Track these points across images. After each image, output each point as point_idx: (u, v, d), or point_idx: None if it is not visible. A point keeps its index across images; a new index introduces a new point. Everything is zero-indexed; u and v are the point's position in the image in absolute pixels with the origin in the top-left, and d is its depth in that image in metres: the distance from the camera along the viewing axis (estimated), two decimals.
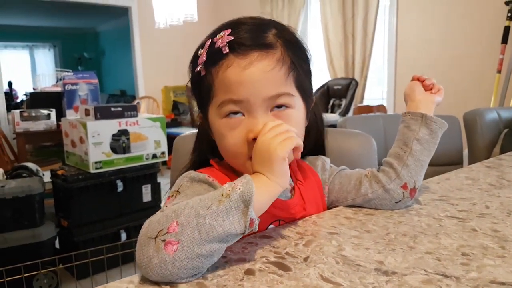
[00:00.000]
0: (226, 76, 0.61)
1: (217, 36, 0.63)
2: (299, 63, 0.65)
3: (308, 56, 0.69)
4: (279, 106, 0.63)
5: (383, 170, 0.74)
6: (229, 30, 0.62)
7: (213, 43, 0.63)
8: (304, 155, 0.80)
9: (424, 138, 0.74)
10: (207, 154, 0.75)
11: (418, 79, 0.82)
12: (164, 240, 0.47)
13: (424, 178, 0.78)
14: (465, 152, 1.85)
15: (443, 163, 1.70)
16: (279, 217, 0.67)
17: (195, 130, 0.83)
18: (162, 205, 0.64)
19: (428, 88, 0.80)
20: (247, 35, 0.62)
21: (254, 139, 0.60)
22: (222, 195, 0.50)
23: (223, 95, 0.62)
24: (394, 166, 0.73)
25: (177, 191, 0.63)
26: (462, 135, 1.82)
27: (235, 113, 0.63)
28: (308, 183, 0.75)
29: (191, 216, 0.48)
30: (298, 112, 0.66)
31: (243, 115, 0.63)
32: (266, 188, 0.56)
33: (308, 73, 0.69)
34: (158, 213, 0.52)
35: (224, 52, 0.61)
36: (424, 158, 0.74)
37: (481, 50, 3.57)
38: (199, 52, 0.65)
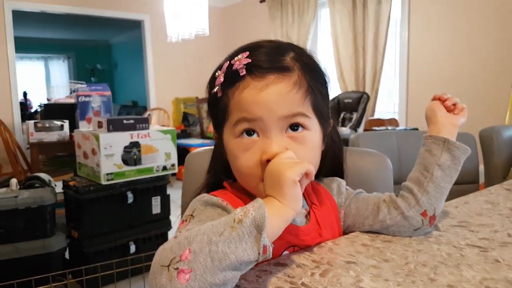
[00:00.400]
0: (242, 97, 0.61)
1: (235, 59, 0.63)
2: (316, 87, 0.65)
3: (326, 80, 0.69)
4: (294, 127, 0.63)
5: (402, 195, 0.72)
6: (247, 53, 0.62)
7: (230, 65, 0.63)
8: (319, 176, 0.78)
9: (446, 164, 0.72)
10: (221, 175, 0.74)
11: (439, 99, 0.79)
12: (176, 269, 0.45)
13: None
14: (481, 167, 1.82)
15: (459, 181, 1.67)
16: (294, 243, 0.66)
17: (206, 146, 0.83)
18: (172, 218, 0.63)
19: (450, 109, 0.77)
20: (265, 58, 0.62)
21: (268, 161, 0.60)
22: (234, 220, 0.48)
23: (238, 113, 0.62)
24: (414, 192, 0.71)
25: (191, 215, 0.62)
26: (478, 152, 1.79)
27: (249, 133, 0.62)
28: (324, 207, 0.73)
29: (203, 243, 0.47)
30: (314, 134, 0.65)
31: (258, 135, 0.62)
32: (278, 212, 0.54)
33: (325, 97, 0.68)
34: (171, 239, 0.51)
35: (241, 74, 0.61)
36: (445, 184, 0.72)
37: (495, 64, 3.54)
38: (216, 74, 0.65)
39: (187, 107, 6.14)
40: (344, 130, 3.92)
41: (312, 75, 0.65)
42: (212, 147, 0.80)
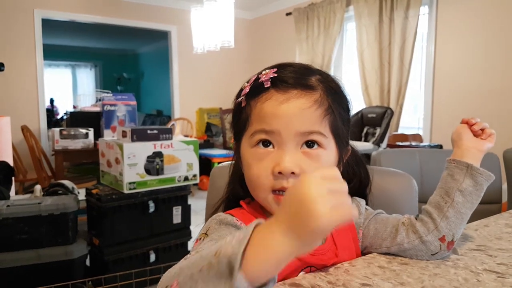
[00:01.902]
0: (263, 108, 0.63)
1: (263, 72, 0.65)
2: (337, 109, 0.66)
3: (349, 106, 0.69)
4: (310, 144, 0.63)
5: (422, 219, 0.71)
6: (275, 69, 0.65)
7: (257, 78, 0.65)
8: None
9: (468, 189, 0.70)
10: (238, 188, 0.75)
11: (467, 123, 0.76)
12: None
13: None
14: (504, 186, 1.78)
15: (481, 201, 1.64)
16: (310, 263, 0.66)
17: (227, 158, 0.83)
18: (192, 228, 0.64)
19: (477, 134, 0.75)
20: (291, 75, 0.64)
21: (280, 173, 0.61)
22: (216, 253, 0.41)
23: (257, 125, 0.64)
24: (433, 216, 0.70)
25: (205, 233, 0.63)
26: (501, 173, 1.75)
27: (265, 144, 0.63)
28: (341, 228, 0.72)
29: (187, 278, 0.43)
30: (329, 154, 0.65)
31: (273, 147, 0.63)
32: (277, 248, 0.41)
33: (346, 121, 0.69)
34: (182, 260, 0.50)
35: (266, 86, 0.63)
36: (466, 210, 0.70)
37: None
38: (243, 86, 0.67)
39: (211, 118, 6.19)
40: (367, 145, 3.88)
41: (335, 98, 0.66)
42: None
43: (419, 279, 0.62)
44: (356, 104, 4.66)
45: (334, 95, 0.66)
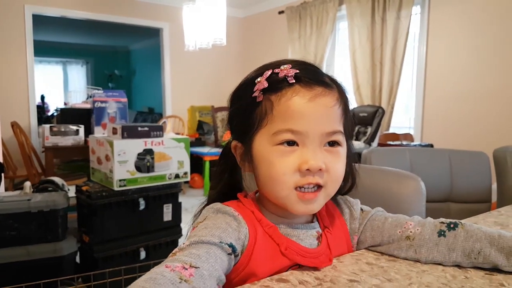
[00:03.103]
0: (290, 105, 0.62)
1: (281, 68, 0.64)
2: (348, 108, 0.68)
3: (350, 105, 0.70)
4: (332, 143, 0.64)
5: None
6: (290, 66, 0.64)
7: (274, 73, 0.64)
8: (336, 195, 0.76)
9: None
10: (234, 184, 0.74)
11: None
12: None
13: (451, 218, 0.74)
14: (494, 186, 1.80)
15: (471, 200, 1.66)
16: (301, 264, 0.65)
17: (218, 156, 0.80)
18: (183, 225, 0.63)
19: None
20: (309, 72, 0.64)
21: (307, 170, 0.61)
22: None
23: (282, 123, 0.62)
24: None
25: (202, 222, 0.63)
26: (491, 172, 1.77)
27: (290, 143, 0.63)
28: (336, 233, 0.72)
29: None
30: (344, 151, 0.67)
31: (297, 145, 0.63)
32: None
33: (350, 119, 0.70)
34: (158, 266, 0.51)
35: (290, 82, 0.62)
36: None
37: None
38: (256, 80, 0.65)
39: (202, 116, 6.18)
40: (358, 144, 3.90)
41: (344, 95, 0.67)
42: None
43: (407, 276, 0.62)
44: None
45: (344, 94, 0.67)
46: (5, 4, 4.75)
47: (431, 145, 3.57)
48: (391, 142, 3.77)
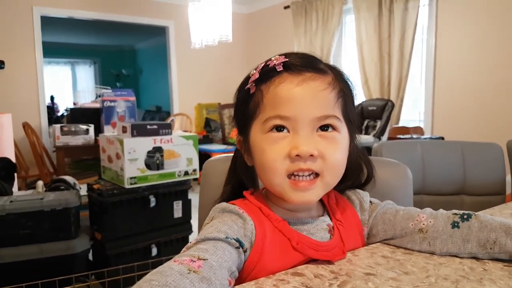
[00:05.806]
0: (277, 92, 0.62)
1: (272, 59, 0.65)
2: (347, 93, 0.66)
3: (354, 91, 0.69)
4: (325, 128, 0.63)
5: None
6: (283, 56, 0.64)
7: (266, 65, 0.64)
8: (341, 187, 0.75)
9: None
10: (245, 182, 0.74)
11: None
12: None
13: (465, 210, 0.73)
14: (508, 177, 1.78)
15: (484, 193, 1.64)
16: (314, 258, 0.64)
17: (228, 151, 0.81)
18: (193, 222, 0.63)
19: None
20: (301, 60, 0.64)
21: (297, 156, 0.60)
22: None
23: (271, 111, 0.62)
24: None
25: (208, 223, 0.63)
26: (505, 164, 1.75)
27: (280, 129, 0.62)
28: (348, 224, 0.71)
29: None
30: (343, 138, 0.65)
31: (288, 131, 0.62)
32: None
33: (353, 105, 0.69)
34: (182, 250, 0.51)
35: (278, 70, 0.62)
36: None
37: None
38: (251, 73, 0.66)
39: (210, 113, 6.18)
40: (368, 138, 3.88)
41: (342, 80, 0.66)
42: (231, 155, 0.80)
43: (424, 269, 0.61)
44: (356, 97, 4.62)
45: (343, 80, 0.66)
46: (14, 7, 4.77)
47: (442, 138, 3.54)
48: (401, 136, 3.74)
